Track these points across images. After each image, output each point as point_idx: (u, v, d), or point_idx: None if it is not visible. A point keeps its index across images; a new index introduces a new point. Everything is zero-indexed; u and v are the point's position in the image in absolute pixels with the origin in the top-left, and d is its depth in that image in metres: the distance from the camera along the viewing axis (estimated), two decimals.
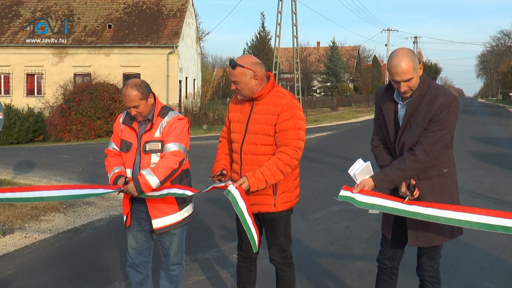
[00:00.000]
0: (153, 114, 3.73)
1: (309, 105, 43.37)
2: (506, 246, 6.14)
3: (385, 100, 3.44)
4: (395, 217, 3.46)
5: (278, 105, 3.51)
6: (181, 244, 3.91)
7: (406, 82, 3.19)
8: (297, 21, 31.24)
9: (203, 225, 7.07)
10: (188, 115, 30.30)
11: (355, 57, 66.89)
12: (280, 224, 3.68)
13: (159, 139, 3.69)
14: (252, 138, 3.57)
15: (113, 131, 3.94)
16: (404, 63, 3.16)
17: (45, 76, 31.96)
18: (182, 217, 3.81)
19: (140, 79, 3.81)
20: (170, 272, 3.91)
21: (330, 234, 6.70)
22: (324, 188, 9.90)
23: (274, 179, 3.47)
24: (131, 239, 3.90)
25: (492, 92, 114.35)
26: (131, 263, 3.94)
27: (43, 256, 5.81)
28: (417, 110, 3.27)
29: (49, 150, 17.10)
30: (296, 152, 3.48)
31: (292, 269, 3.80)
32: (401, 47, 3.29)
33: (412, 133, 3.29)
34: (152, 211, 3.74)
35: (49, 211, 7.69)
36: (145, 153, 3.69)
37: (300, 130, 3.52)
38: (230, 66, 3.54)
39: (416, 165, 3.25)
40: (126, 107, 3.71)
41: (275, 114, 3.49)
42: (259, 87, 3.56)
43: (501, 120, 32.94)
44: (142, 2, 34.10)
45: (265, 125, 3.52)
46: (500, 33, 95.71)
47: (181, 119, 3.74)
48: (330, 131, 24.66)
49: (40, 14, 33.22)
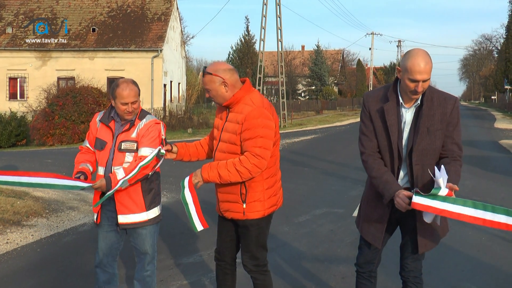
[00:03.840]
0: (136, 115, 3.84)
1: (294, 108, 43.51)
2: (488, 248, 6.21)
3: (379, 104, 3.33)
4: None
5: (243, 113, 3.47)
6: (154, 245, 4.04)
7: (423, 83, 3.16)
8: (282, 25, 31.36)
9: (187, 229, 7.04)
10: (173, 118, 30.21)
11: (339, 61, 67.32)
12: (252, 232, 3.65)
13: (135, 139, 3.78)
14: (223, 146, 3.58)
15: (89, 129, 4.00)
16: (426, 63, 3.13)
17: (28, 80, 31.68)
18: (148, 217, 3.92)
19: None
20: (144, 272, 4.01)
21: (314, 237, 6.72)
22: (308, 191, 9.94)
23: (228, 174, 3.42)
24: (101, 240, 3.99)
25: (475, 95, 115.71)
26: (99, 262, 4.02)
27: (25, 262, 5.75)
28: (430, 114, 3.24)
29: (32, 154, 16.93)
30: (256, 158, 3.39)
31: (266, 276, 3.76)
32: (418, 48, 3.25)
33: (432, 139, 3.24)
34: (119, 207, 3.85)
35: (31, 216, 7.62)
36: (119, 151, 3.77)
37: (262, 138, 3.42)
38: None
39: (461, 168, 3.30)
40: (121, 104, 3.72)
41: (239, 122, 3.46)
42: (230, 94, 3.53)
43: (483, 123, 33.33)
44: (127, 6, 33.98)
45: (232, 134, 3.50)
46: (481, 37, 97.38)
47: (157, 123, 3.85)
48: (315, 135, 24.76)
49: (23, 17, 32.94)
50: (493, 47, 78.71)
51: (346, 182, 10.84)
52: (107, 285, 4.07)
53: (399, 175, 3.34)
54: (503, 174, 12.04)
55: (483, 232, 6.82)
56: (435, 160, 3.31)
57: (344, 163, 13.71)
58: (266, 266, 3.78)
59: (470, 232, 6.80)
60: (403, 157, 3.31)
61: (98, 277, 4.06)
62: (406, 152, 3.30)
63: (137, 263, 4.08)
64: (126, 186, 3.71)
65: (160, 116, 30.39)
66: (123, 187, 3.71)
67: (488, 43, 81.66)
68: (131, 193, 3.84)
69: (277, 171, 3.74)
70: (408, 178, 3.32)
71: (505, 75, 54.14)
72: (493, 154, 16.13)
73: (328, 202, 8.90)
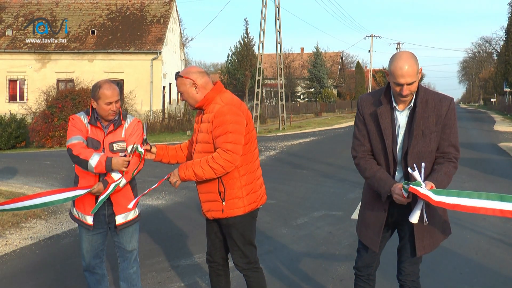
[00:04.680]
0: (120, 115, 3.91)
1: (293, 111, 43.52)
2: (486, 251, 6.21)
3: (373, 108, 3.32)
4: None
5: (212, 111, 3.60)
6: (137, 241, 4.13)
7: (408, 86, 3.13)
8: (281, 28, 31.37)
9: (184, 231, 7.05)
10: (171, 121, 30.23)
11: (338, 63, 67.29)
12: (235, 230, 3.69)
13: (124, 139, 3.87)
14: (199, 147, 3.67)
15: (75, 128, 3.83)
16: (409, 66, 3.10)
17: (28, 82, 31.66)
18: (137, 213, 4.05)
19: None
20: (130, 269, 4.05)
21: (313, 239, 6.72)
22: (307, 194, 9.94)
23: (203, 171, 3.51)
24: (87, 243, 4.00)
25: (474, 98, 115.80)
26: (86, 266, 4.04)
27: (24, 263, 5.75)
28: (424, 117, 3.22)
29: (32, 156, 16.94)
30: (227, 154, 3.47)
31: (259, 273, 3.81)
32: (403, 50, 3.25)
33: (427, 142, 3.23)
34: (116, 207, 3.91)
35: (30, 218, 7.62)
36: (112, 152, 3.81)
37: (232, 133, 3.50)
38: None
39: (456, 170, 3.28)
40: (105, 104, 3.77)
41: (209, 121, 3.59)
42: (201, 96, 3.66)
43: (482, 125, 33.37)
44: (126, 8, 33.99)
45: (205, 133, 3.62)
46: (481, 40, 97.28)
47: (139, 122, 4.01)
48: (314, 137, 24.77)
49: (22, 19, 32.96)
50: (492, 49, 78.77)
51: (344, 185, 10.84)
52: (99, 287, 4.10)
53: (395, 178, 3.32)
54: (502, 176, 12.05)
55: (482, 235, 6.82)
56: (431, 163, 3.29)
57: (343, 165, 13.72)
58: (257, 263, 3.83)
59: (469, 235, 6.80)
60: (397, 160, 3.30)
61: (88, 281, 4.11)
62: (401, 155, 3.28)
63: (120, 263, 4.10)
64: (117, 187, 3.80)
65: (159, 118, 30.40)
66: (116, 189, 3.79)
67: (488, 45, 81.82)
68: (125, 191, 3.91)
69: (257, 169, 3.80)
70: (404, 181, 3.30)
71: (505, 78, 54.13)
72: (493, 156, 16.14)
73: (326, 204, 8.90)
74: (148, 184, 10.52)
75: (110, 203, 3.91)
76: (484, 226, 7.27)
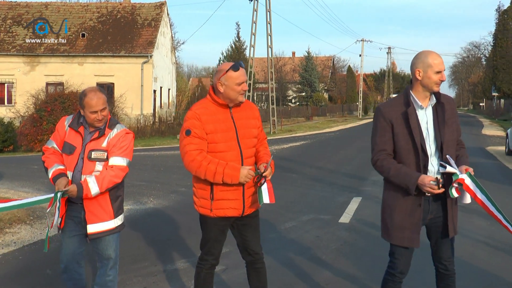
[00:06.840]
0: (106, 123, 3.84)
1: (284, 114, 43.57)
2: (471, 254, 6.23)
3: (401, 110, 3.52)
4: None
5: (250, 108, 3.90)
6: (117, 249, 4.04)
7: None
8: (272, 31, 31.42)
9: (172, 236, 7.01)
10: (162, 124, 30.14)
11: (329, 67, 67.54)
12: (258, 219, 3.94)
13: (105, 149, 3.79)
14: (250, 142, 3.84)
15: (56, 132, 3.95)
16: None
17: (16, 85, 31.47)
18: (115, 224, 3.94)
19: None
20: (106, 277, 4.00)
21: (300, 244, 6.70)
22: (295, 197, 9.93)
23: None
24: (65, 246, 3.98)
25: (464, 102, 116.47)
26: (65, 268, 4.00)
27: (6, 270, 5.66)
28: (446, 109, 3.56)
29: (19, 160, 16.80)
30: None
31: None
32: (424, 49, 3.59)
33: (452, 131, 3.58)
34: (89, 216, 3.83)
35: (15, 223, 7.53)
36: (90, 160, 3.77)
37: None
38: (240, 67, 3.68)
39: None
40: (90, 112, 3.74)
41: (255, 118, 3.92)
42: None
43: (471, 129, 33.58)
44: (117, 11, 33.89)
45: (255, 129, 3.92)
46: (470, 45, 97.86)
47: (128, 133, 3.88)
48: (304, 141, 24.80)
49: (11, 22, 32.77)
50: (481, 54, 79.32)
51: (333, 189, 10.85)
52: None
53: (429, 172, 3.51)
54: (490, 180, 12.09)
55: (467, 238, 6.84)
56: (454, 151, 3.61)
57: (333, 169, 13.71)
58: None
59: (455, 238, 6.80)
60: (430, 154, 3.50)
61: (67, 284, 4.06)
62: (436, 147, 3.52)
63: (99, 268, 4.06)
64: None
65: (150, 122, 30.29)
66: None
67: (477, 50, 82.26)
68: (101, 201, 3.83)
69: None
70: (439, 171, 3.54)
71: (493, 82, 54.60)
72: (480, 160, 16.22)
73: (315, 208, 8.89)
74: (136, 189, 10.49)
75: (82, 209, 3.86)
76: (470, 229, 7.29)
